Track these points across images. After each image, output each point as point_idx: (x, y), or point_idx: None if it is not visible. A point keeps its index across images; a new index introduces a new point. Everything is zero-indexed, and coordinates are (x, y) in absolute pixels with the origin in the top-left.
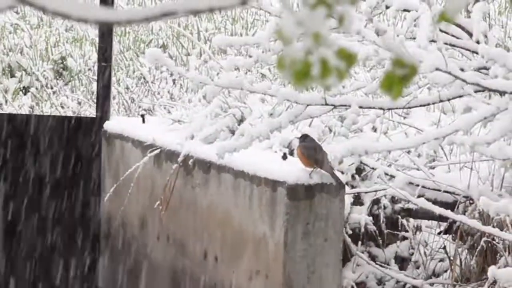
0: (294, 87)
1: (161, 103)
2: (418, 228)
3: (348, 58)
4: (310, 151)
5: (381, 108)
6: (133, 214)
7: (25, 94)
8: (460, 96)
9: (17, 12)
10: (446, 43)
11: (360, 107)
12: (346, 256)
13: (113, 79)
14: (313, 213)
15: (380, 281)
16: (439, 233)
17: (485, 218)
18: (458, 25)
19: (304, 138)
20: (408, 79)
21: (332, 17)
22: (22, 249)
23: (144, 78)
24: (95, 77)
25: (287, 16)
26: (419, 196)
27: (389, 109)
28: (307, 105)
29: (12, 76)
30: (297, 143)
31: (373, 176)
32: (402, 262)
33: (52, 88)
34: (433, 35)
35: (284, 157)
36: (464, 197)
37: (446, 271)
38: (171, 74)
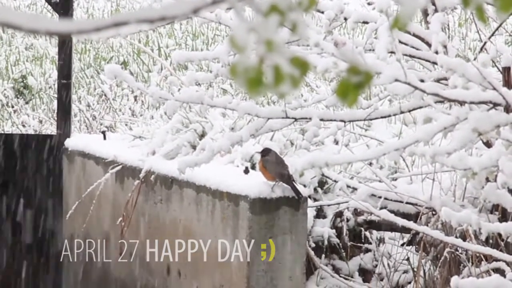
0: (248, 95)
1: (123, 120)
2: (381, 240)
3: (302, 65)
4: (272, 164)
5: (342, 121)
6: (96, 230)
7: None
8: (421, 107)
9: None
10: (405, 54)
11: (321, 119)
12: (310, 269)
13: (74, 96)
14: (276, 226)
15: None
16: (402, 245)
17: (447, 228)
18: (418, 36)
19: (266, 152)
20: (363, 85)
21: (284, 25)
22: None
23: (105, 95)
24: (56, 95)
25: (240, 24)
26: (381, 208)
27: (350, 121)
28: (268, 119)
29: None
30: (259, 157)
31: (335, 189)
32: (365, 274)
33: (13, 107)
34: (392, 47)
35: (246, 171)
36: (426, 208)
37: (410, 282)
38: (132, 91)
